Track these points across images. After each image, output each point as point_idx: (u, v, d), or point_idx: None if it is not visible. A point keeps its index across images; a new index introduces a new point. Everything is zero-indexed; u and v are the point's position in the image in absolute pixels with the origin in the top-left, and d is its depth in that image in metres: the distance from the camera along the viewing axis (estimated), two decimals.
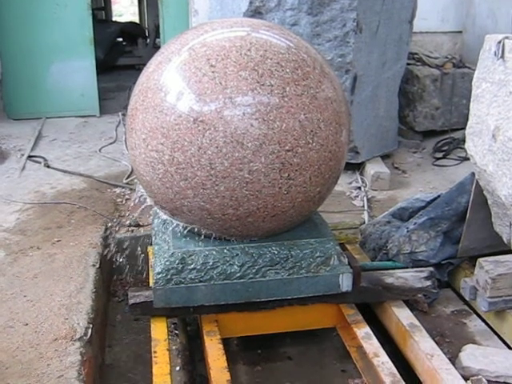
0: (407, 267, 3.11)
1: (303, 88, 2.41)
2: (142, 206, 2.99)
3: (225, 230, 2.60)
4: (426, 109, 5.60)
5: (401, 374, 2.41)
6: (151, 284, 2.70)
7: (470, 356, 2.54)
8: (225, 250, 2.62)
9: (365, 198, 4.30)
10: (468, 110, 2.92)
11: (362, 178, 4.69)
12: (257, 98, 2.34)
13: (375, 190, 4.50)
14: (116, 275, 3.61)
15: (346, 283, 2.70)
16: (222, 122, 2.32)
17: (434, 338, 2.65)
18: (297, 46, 2.54)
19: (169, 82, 2.45)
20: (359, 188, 4.52)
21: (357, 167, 4.80)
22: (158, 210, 2.80)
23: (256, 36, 2.49)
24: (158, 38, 9.07)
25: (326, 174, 2.55)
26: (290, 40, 2.56)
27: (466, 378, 2.37)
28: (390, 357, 2.52)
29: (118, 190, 4.35)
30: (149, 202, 2.81)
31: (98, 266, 3.16)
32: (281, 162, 2.38)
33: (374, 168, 4.66)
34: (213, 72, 2.36)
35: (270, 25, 2.71)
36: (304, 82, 2.43)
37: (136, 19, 16.86)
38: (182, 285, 2.56)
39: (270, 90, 2.35)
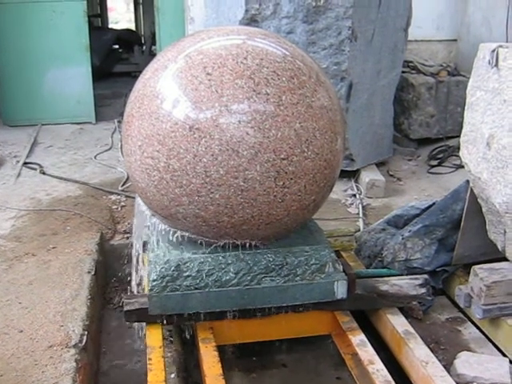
0: (402, 274, 3.11)
1: (299, 97, 2.42)
2: None
3: (219, 237, 2.60)
4: (421, 116, 5.62)
5: (396, 382, 2.41)
6: (146, 291, 2.70)
7: (465, 363, 2.54)
8: (220, 257, 2.62)
9: (360, 206, 4.31)
10: (463, 117, 2.94)
11: (357, 186, 4.70)
12: (253, 107, 2.34)
13: (370, 198, 4.51)
14: (111, 282, 3.61)
15: (340, 290, 2.70)
16: (217, 129, 2.32)
17: (428, 346, 2.65)
18: (293, 54, 2.55)
19: (165, 89, 2.45)
20: (354, 195, 4.53)
21: (352, 175, 4.82)
22: (153, 217, 2.80)
23: (252, 44, 2.50)
24: (154, 45, 9.07)
25: (320, 183, 2.55)
26: (286, 48, 2.57)
27: None
28: (384, 364, 2.51)
29: (113, 197, 4.35)
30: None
31: (93, 272, 3.16)
32: (276, 170, 2.38)
33: (369, 175, 4.68)
34: (209, 80, 2.36)
35: (266, 33, 2.72)
36: (300, 91, 2.43)
37: (132, 26, 16.89)
38: (178, 292, 2.56)
39: (265, 99, 2.36)
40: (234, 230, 2.55)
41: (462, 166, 3.11)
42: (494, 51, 2.67)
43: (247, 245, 2.64)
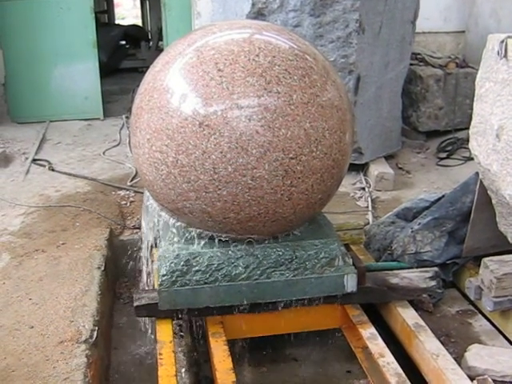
0: (412, 267, 3.11)
1: (310, 96, 2.40)
2: None
3: (225, 232, 2.61)
4: (430, 109, 5.60)
5: (406, 375, 2.41)
6: (156, 286, 2.70)
7: (476, 356, 2.53)
8: (229, 252, 2.62)
9: (369, 199, 4.30)
10: (471, 109, 2.92)
11: (365, 179, 4.69)
12: (263, 105, 2.33)
13: (379, 191, 4.50)
14: (121, 277, 3.62)
15: (350, 284, 2.70)
16: (227, 127, 2.31)
17: (439, 338, 2.65)
18: (305, 52, 2.52)
19: (175, 83, 2.44)
20: (363, 189, 4.52)
21: (361, 168, 4.80)
22: (162, 212, 2.80)
23: (265, 40, 2.47)
24: (161, 40, 9.09)
25: (328, 182, 2.55)
26: (299, 46, 2.54)
27: (471, 378, 2.36)
28: (395, 357, 2.51)
29: (122, 193, 4.36)
30: None
31: (102, 268, 3.17)
32: (284, 169, 2.38)
33: (378, 168, 4.66)
34: (220, 76, 2.35)
35: (279, 28, 2.69)
36: (311, 90, 2.42)
37: (139, 22, 16.88)
38: (187, 287, 2.56)
39: (276, 98, 2.34)
40: (239, 226, 2.55)
41: (472, 158, 3.10)
42: (502, 42, 2.65)
43: (256, 239, 2.64)
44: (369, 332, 2.67)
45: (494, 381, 2.37)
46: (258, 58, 2.39)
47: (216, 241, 2.64)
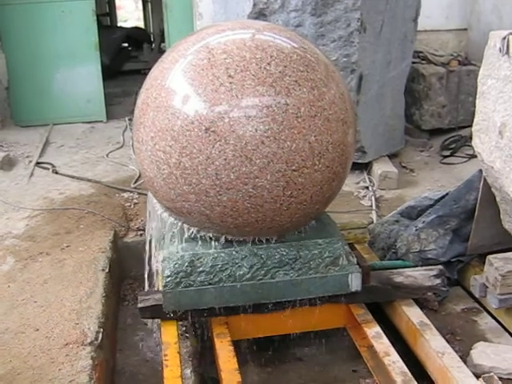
0: (416, 266, 3.10)
1: (317, 109, 2.39)
2: None
3: (221, 234, 2.62)
4: (433, 107, 5.59)
5: (412, 373, 2.41)
6: (160, 287, 2.70)
7: (482, 354, 2.53)
8: (233, 252, 2.62)
9: (373, 198, 4.30)
10: (474, 107, 2.92)
11: (369, 178, 4.68)
12: (271, 116, 2.32)
13: (383, 190, 4.50)
14: (125, 279, 3.63)
15: (355, 283, 2.69)
16: (233, 135, 2.31)
17: (444, 336, 2.64)
18: (317, 62, 2.49)
19: (184, 85, 2.41)
20: (367, 188, 4.52)
21: (364, 167, 4.80)
22: (166, 214, 2.80)
23: (277, 48, 2.43)
24: (164, 42, 9.09)
25: (326, 194, 2.56)
26: (310, 55, 2.50)
27: (477, 376, 2.35)
28: (400, 356, 2.51)
29: (126, 195, 4.36)
30: None
31: (107, 270, 3.17)
32: (286, 180, 2.38)
33: (382, 167, 4.66)
34: (230, 83, 2.33)
35: (292, 34, 2.65)
36: (319, 104, 2.40)
37: (141, 24, 16.89)
38: (192, 288, 2.57)
39: (285, 109, 2.33)
40: (236, 230, 2.56)
41: (475, 156, 3.09)
42: (504, 39, 2.65)
43: (260, 239, 2.64)
44: (374, 331, 2.67)
45: (499, 378, 2.36)
46: (269, 67, 2.37)
47: (220, 242, 2.64)
